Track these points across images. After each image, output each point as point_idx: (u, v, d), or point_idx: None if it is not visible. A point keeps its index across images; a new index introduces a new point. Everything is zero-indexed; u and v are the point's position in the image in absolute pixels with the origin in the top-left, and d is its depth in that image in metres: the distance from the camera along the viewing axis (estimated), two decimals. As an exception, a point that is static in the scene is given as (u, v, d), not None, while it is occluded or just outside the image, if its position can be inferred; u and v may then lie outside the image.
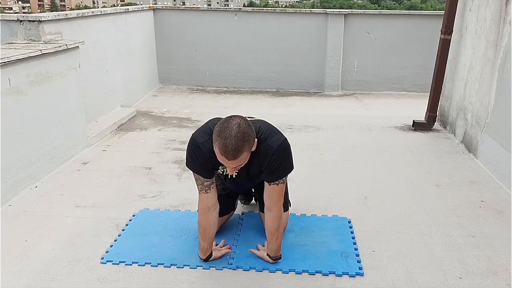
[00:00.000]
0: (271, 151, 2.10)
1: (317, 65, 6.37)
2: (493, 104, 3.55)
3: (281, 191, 2.22)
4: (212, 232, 2.29)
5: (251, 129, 1.97)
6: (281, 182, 2.19)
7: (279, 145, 2.11)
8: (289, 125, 4.68)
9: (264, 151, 2.10)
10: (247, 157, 1.98)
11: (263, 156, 2.11)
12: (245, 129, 1.92)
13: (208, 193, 2.22)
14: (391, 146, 4.12)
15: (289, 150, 2.19)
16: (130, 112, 4.92)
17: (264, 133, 2.13)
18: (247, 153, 1.96)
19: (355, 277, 2.22)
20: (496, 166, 3.40)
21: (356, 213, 2.86)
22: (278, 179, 2.17)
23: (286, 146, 2.16)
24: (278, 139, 2.13)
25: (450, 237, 2.58)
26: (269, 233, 2.28)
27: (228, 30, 6.37)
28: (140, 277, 2.21)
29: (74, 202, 2.97)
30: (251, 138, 1.96)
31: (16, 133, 3.02)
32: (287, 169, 2.19)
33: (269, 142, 2.10)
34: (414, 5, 58.78)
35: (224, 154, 1.90)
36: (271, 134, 2.14)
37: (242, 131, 1.91)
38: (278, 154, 2.11)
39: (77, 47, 3.76)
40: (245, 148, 1.92)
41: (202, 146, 2.11)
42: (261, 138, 2.10)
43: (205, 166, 2.15)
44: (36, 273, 2.22)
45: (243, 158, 1.95)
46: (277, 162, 2.11)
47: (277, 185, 2.18)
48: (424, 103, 4.71)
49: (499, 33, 3.56)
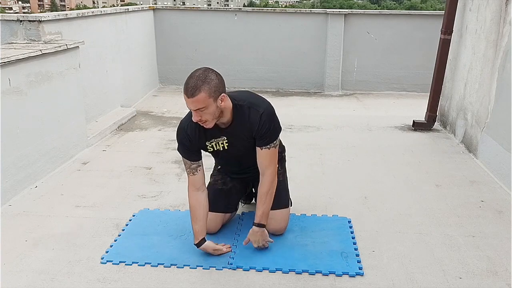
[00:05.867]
0: (259, 114, 2.23)
1: (317, 65, 6.37)
2: (493, 104, 3.55)
3: (273, 154, 2.32)
4: (202, 213, 2.35)
5: (217, 78, 2.10)
6: (273, 146, 2.30)
7: (266, 108, 2.27)
8: (289, 125, 4.68)
9: (253, 117, 2.24)
10: (207, 101, 2.06)
11: (253, 120, 2.24)
12: (209, 73, 2.09)
13: (195, 175, 2.34)
14: (391, 146, 4.12)
15: (275, 113, 2.33)
16: (130, 112, 4.92)
17: (248, 101, 2.27)
18: (206, 95, 2.05)
19: (355, 277, 2.22)
20: (496, 166, 3.40)
21: (356, 213, 2.86)
22: (269, 143, 2.29)
23: (272, 109, 2.31)
24: (263, 104, 2.29)
25: (450, 237, 2.58)
26: (258, 197, 2.34)
27: (228, 30, 6.37)
28: (140, 277, 2.21)
29: (74, 202, 2.97)
30: (212, 82, 2.07)
31: (16, 133, 3.02)
32: (276, 130, 2.32)
33: (256, 108, 2.25)
34: (414, 5, 58.80)
35: (185, 92, 2.05)
36: (256, 102, 2.30)
37: (205, 74, 2.08)
38: (266, 116, 2.24)
39: (77, 47, 3.76)
40: (203, 88, 2.04)
41: (186, 128, 2.28)
42: (245, 105, 2.24)
43: (190, 149, 2.31)
44: (36, 273, 2.22)
45: (202, 100, 2.04)
46: (267, 124, 2.25)
47: (268, 149, 2.29)
48: (424, 103, 4.71)
49: (499, 33, 3.56)
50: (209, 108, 2.10)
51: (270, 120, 2.27)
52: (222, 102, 2.14)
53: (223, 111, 2.20)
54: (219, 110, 2.16)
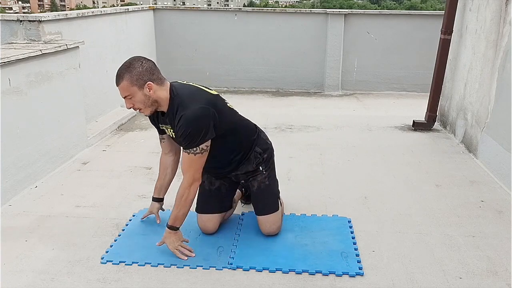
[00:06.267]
0: (179, 116, 2.15)
1: (317, 65, 6.37)
2: (493, 104, 3.55)
3: (191, 161, 2.21)
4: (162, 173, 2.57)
5: (142, 66, 2.11)
6: (191, 152, 2.19)
7: (190, 112, 2.12)
8: (289, 125, 4.68)
9: (177, 116, 2.16)
10: (130, 89, 2.11)
11: (176, 119, 2.17)
12: (134, 61, 2.12)
13: (163, 142, 2.52)
14: (391, 146, 4.12)
15: (201, 122, 2.14)
16: (130, 112, 4.91)
17: (183, 98, 2.18)
18: (128, 83, 2.10)
19: (355, 277, 2.22)
20: (496, 166, 3.40)
21: (356, 213, 2.85)
22: (187, 148, 2.20)
23: (197, 116, 2.13)
24: (192, 106, 2.14)
25: (450, 237, 2.58)
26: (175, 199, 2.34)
27: (228, 30, 6.37)
28: (140, 277, 2.21)
29: (74, 202, 2.97)
30: (135, 71, 2.10)
31: (16, 133, 3.02)
32: (192, 137, 2.15)
33: (182, 107, 2.15)
34: (414, 5, 58.79)
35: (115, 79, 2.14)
36: (189, 101, 2.17)
37: (129, 62, 2.13)
38: (184, 120, 2.12)
39: (77, 47, 3.76)
40: (125, 76, 2.10)
41: None
42: (178, 101, 2.18)
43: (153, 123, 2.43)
44: (36, 273, 2.22)
45: (125, 88, 2.11)
46: (183, 128, 2.13)
47: (188, 153, 2.21)
48: (424, 103, 4.71)
49: (499, 33, 3.56)
50: (136, 96, 2.14)
51: (188, 126, 2.12)
52: (150, 90, 2.13)
53: (157, 101, 2.18)
54: (149, 98, 2.16)
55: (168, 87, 2.22)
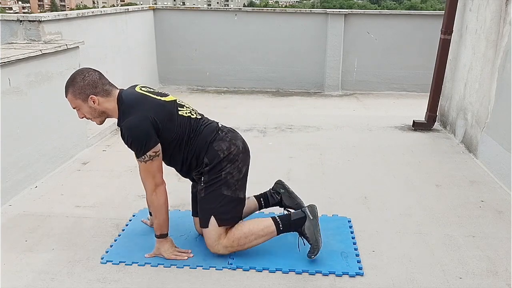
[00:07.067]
0: (121, 125, 2.18)
1: (317, 65, 6.37)
2: (493, 104, 3.55)
3: (143, 169, 2.20)
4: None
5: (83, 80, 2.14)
6: (142, 160, 2.18)
7: (128, 122, 2.14)
8: (289, 125, 4.68)
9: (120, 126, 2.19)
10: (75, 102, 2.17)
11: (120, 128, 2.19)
12: (77, 75, 2.16)
13: None
14: (391, 146, 4.12)
15: (139, 131, 2.13)
16: (130, 112, 4.91)
17: (126, 108, 2.18)
18: (72, 97, 2.16)
19: (355, 277, 2.22)
20: (496, 166, 3.40)
21: (356, 213, 2.86)
22: (137, 157, 2.19)
23: (133, 126, 2.13)
24: (132, 116, 2.14)
25: (450, 237, 2.58)
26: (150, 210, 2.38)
27: (228, 30, 6.37)
28: (140, 277, 2.21)
29: (74, 202, 2.97)
30: (77, 85, 2.14)
31: (16, 133, 3.02)
32: (135, 146, 2.16)
33: (124, 117, 2.17)
34: (414, 5, 58.75)
35: None
36: (131, 111, 2.16)
37: (73, 75, 2.18)
38: (124, 129, 2.15)
39: (77, 47, 3.76)
40: (69, 90, 2.16)
41: None
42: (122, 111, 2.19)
43: None
44: (36, 273, 2.23)
45: (71, 101, 2.18)
46: (125, 137, 2.16)
47: (140, 162, 2.20)
48: (424, 103, 4.71)
49: (499, 33, 3.56)
50: (83, 108, 2.20)
51: (128, 136, 2.13)
52: (94, 103, 2.16)
53: (105, 111, 2.22)
54: (96, 110, 2.19)
55: (116, 97, 2.21)
